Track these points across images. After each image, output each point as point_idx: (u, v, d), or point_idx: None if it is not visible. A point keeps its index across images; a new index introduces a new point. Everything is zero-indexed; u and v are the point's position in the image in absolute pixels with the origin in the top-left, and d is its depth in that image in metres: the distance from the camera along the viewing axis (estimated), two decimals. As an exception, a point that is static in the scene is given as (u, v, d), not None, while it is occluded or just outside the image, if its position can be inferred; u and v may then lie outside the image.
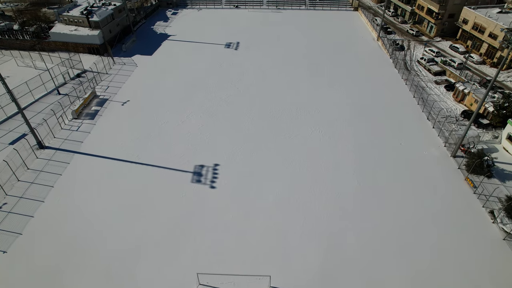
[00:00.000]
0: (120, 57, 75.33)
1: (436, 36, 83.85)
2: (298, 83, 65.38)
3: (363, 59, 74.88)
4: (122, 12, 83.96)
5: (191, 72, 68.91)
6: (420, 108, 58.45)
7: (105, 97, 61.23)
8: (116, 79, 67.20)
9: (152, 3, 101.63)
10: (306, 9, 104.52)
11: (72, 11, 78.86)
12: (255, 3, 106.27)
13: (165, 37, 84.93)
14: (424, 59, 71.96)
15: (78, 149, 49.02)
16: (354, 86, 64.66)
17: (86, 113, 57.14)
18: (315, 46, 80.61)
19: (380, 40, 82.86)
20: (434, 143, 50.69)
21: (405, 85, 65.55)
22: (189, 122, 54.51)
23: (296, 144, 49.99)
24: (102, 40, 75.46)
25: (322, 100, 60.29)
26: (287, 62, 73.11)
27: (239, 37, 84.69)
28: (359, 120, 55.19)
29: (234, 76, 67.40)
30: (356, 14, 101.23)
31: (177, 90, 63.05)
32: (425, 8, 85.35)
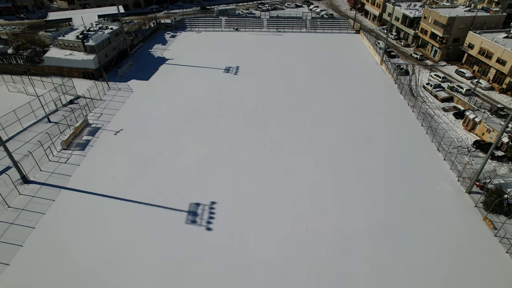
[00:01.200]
0: (116, 82, 72.83)
1: (440, 60, 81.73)
2: (300, 110, 62.55)
3: (367, 85, 72.38)
4: (119, 36, 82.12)
5: (188, 98, 66.24)
6: (429, 138, 55.41)
7: (98, 126, 58.24)
8: (110, 105, 64.42)
9: (151, 26, 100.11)
10: (307, 31, 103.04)
11: (68, 35, 76.92)
12: (255, 26, 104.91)
13: (163, 61, 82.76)
14: (430, 85, 69.46)
15: (65, 184, 45.63)
16: (359, 113, 61.83)
17: (77, 143, 54.00)
18: (317, 70, 78.31)
19: (383, 64, 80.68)
20: (447, 177, 47.37)
21: (412, 112, 62.75)
22: (185, 154, 51.31)
23: (299, 179, 46.64)
24: (98, 64, 73.15)
25: (326, 129, 57.30)
26: (288, 87, 70.56)
27: (238, 61, 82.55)
28: (366, 152, 52.02)
29: (233, 103, 64.66)
30: (358, 37, 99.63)
31: (174, 117, 60.17)
32: (428, 32, 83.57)
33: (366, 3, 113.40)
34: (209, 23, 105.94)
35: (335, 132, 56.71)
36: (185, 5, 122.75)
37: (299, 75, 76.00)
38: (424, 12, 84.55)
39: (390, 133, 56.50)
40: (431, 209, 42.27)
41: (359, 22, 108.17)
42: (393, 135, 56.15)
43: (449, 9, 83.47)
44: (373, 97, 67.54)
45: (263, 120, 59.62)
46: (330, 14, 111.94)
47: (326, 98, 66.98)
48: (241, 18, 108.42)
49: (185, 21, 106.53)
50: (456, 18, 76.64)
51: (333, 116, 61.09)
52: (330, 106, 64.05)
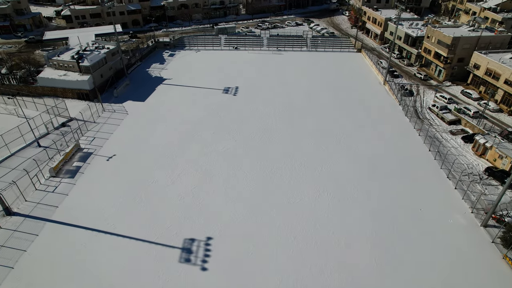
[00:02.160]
0: (111, 103, 70.47)
1: (445, 81, 79.55)
2: (301, 134, 59.91)
3: (370, 106, 69.94)
4: (116, 55, 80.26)
5: (185, 121, 63.71)
6: (438, 164, 52.56)
7: (90, 151, 55.50)
8: (104, 128, 61.85)
9: (149, 45, 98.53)
10: (308, 50, 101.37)
11: (63, 55, 75.02)
12: (255, 45, 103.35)
13: (160, 81, 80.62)
14: (436, 107, 67.02)
15: (51, 216, 42.60)
16: (363, 137, 59.13)
17: (66, 170, 51.16)
18: (319, 91, 76.03)
19: (387, 84, 78.51)
20: (459, 209, 44.34)
21: (419, 136, 60.07)
22: (181, 182, 48.38)
23: (302, 210, 43.60)
24: (93, 85, 70.95)
25: (329, 154, 54.52)
26: (289, 109, 68.10)
27: (238, 81, 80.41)
28: (371, 180, 49.10)
29: (232, 126, 62.06)
30: (360, 56, 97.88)
31: (170, 142, 57.50)
32: (432, 51, 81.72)
33: (367, 22, 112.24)
34: (208, 42, 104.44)
35: (338, 158, 53.90)
36: (185, 24, 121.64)
37: (300, 96, 73.66)
38: (427, 32, 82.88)
39: (397, 159, 53.68)
40: (443, 245, 39.15)
41: (361, 40, 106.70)
42: (400, 161, 53.30)
43: (453, 29, 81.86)
44: (377, 119, 64.97)
45: (263, 144, 56.89)
46: (331, 32, 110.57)
47: (329, 120, 64.42)
48: (240, 37, 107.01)
49: (184, 39, 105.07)
50: (460, 38, 74.81)
51: (336, 140, 58.38)
52: (333, 129, 61.41)
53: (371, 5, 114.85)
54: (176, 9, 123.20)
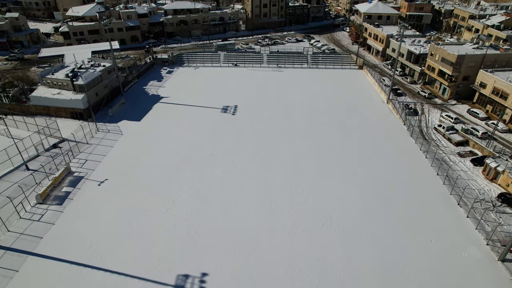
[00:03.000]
0: (105, 123, 68.07)
1: (450, 99, 77.36)
2: (302, 157, 57.24)
3: (374, 126, 67.47)
4: (112, 73, 78.30)
5: (182, 142, 61.15)
6: (447, 190, 49.75)
7: (81, 175, 52.78)
8: (97, 150, 59.25)
9: (147, 62, 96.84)
10: (308, 67, 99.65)
11: (58, 73, 72.98)
12: (254, 61, 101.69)
13: (157, 99, 78.43)
14: (442, 127, 64.56)
15: (34, 248, 39.61)
16: (368, 160, 56.45)
17: (55, 195, 48.36)
18: (320, 110, 73.70)
19: (390, 103, 76.27)
20: (473, 240, 41.36)
21: (425, 158, 57.39)
22: (175, 210, 45.49)
23: (304, 243, 40.58)
24: (87, 104, 68.70)
25: (332, 180, 51.72)
26: (290, 130, 65.59)
27: (237, 99, 78.20)
28: (377, 207, 46.20)
29: (230, 148, 59.45)
30: (361, 73, 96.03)
31: (165, 165, 54.80)
32: (436, 69, 79.78)
33: (368, 38, 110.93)
34: (207, 58, 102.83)
35: (342, 182, 51.10)
36: (184, 40, 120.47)
37: (301, 115, 71.29)
38: (431, 49, 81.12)
39: (403, 184, 50.86)
40: (457, 282, 36.05)
41: (362, 57, 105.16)
42: (407, 186, 50.48)
43: (456, 46, 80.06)
44: (382, 141, 62.40)
45: (263, 168, 54.15)
46: (331, 49, 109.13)
47: (331, 142, 61.82)
48: (240, 53, 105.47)
49: (183, 56, 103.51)
50: (465, 56, 72.91)
51: (339, 163, 55.65)
52: (336, 152, 58.77)
53: (372, 22, 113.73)
54: (175, 25, 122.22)
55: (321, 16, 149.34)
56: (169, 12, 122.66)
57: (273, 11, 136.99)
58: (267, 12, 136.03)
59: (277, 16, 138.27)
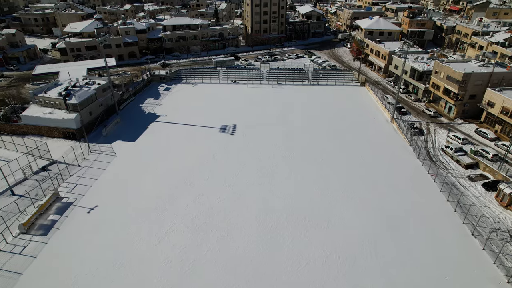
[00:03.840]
0: (99, 144, 65.30)
1: (457, 118, 74.77)
2: (304, 182, 54.22)
3: (379, 148, 64.65)
4: (107, 91, 75.94)
5: (178, 165, 58.22)
6: (460, 218, 46.61)
7: (69, 200, 49.73)
8: (88, 173, 56.29)
9: (144, 78, 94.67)
10: (309, 84, 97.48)
11: (51, 91, 70.62)
12: (254, 78, 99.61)
13: (153, 118, 75.84)
14: (450, 148, 61.76)
15: (12, 287, 36.26)
16: (373, 185, 53.41)
17: (40, 225, 45.22)
18: (322, 130, 70.98)
19: (394, 122, 73.67)
20: (492, 276, 38.09)
21: (434, 182, 54.39)
22: (168, 242, 42.26)
23: (308, 279, 37.28)
24: (80, 124, 65.99)
25: (336, 208, 48.58)
26: (291, 151, 62.74)
27: (236, 117, 75.60)
28: (386, 239, 42.96)
29: (228, 172, 56.46)
30: (364, 90, 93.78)
31: (159, 190, 51.76)
32: (441, 87, 77.46)
33: (370, 54, 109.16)
34: (206, 75, 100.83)
35: (347, 211, 47.95)
36: (182, 56, 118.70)
37: (302, 135, 68.56)
38: (435, 67, 78.97)
39: (412, 212, 47.71)
40: (479, 327, 32.67)
41: (364, 74, 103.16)
42: (416, 214, 47.32)
43: (462, 64, 77.94)
44: (387, 164, 59.48)
45: (263, 195, 51.03)
46: (333, 65, 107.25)
47: (334, 165, 58.91)
48: (239, 70, 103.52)
49: (181, 72, 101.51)
50: (472, 74, 70.64)
51: (344, 189, 52.59)
52: (340, 176, 55.78)
53: (373, 38, 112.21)
54: (174, 41, 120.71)
55: (321, 32, 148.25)
56: (168, 28, 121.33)
57: (273, 27, 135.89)
58: (267, 28, 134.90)
59: (277, 32, 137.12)
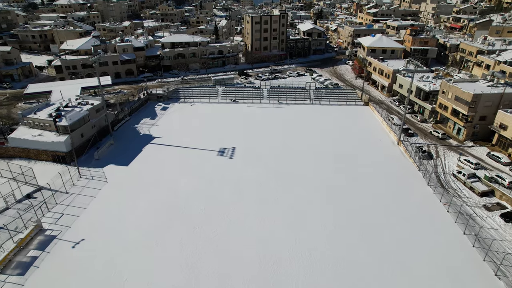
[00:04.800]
0: (89, 168, 61.66)
1: (466, 140, 71.31)
2: (307, 212, 50.26)
3: (386, 173, 60.96)
4: (101, 111, 72.71)
5: (172, 193, 54.40)
6: (479, 254, 42.59)
7: (53, 233, 45.78)
8: (77, 201, 52.46)
9: (140, 97, 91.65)
10: (311, 103, 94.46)
11: (41, 112, 67.44)
12: (254, 97, 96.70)
13: (149, 140, 72.37)
14: (463, 174, 58.08)
15: None
16: (383, 217, 49.46)
17: (18, 262, 41.20)
18: (326, 154, 67.40)
19: (401, 144, 70.21)
20: (521, 326, 33.84)
21: (448, 212, 50.50)
22: (159, 282, 38.11)
23: (315, 330, 33.11)
24: (70, 147, 62.52)
25: (343, 240, 44.62)
26: (293, 178, 58.94)
27: (235, 140, 72.13)
28: (400, 282, 38.84)
29: (226, 201, 52.55)
30: (367, 110, 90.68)
31: (151, 221, 47.81)
32: (449, 108, 74.29)
33: (373, 73, 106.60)
34: (205, 93, 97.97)
35: (356, 246, 43.89)
36: (181, 74, 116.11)
37: (305, 159, 64.94)
38: (442, 87, 76.01)
39: (427, 249, 43.62)
40: None
41: (367, 92, 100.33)
42: (431, 251, 43.23)
43: (470, 84, 74.99)
44: (396, 191, 55.69)
45: (263, 228, 47.04)
46: (335, 84, 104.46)
47: (340, 193, 55.05)
48: (239, 88, 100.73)
49: (179, 91, 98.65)
50: (482, 95, 67.58)
51: (351, 221, 48.58)
52: (346, 206, 51.86)
53: (376, 56, 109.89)
54: (173, 58, 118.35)
55: (322, 49, 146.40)
56: (166, 45, 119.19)
57: (274, 44, 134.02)
58: (267, 45, 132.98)
59: (278, 49, 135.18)
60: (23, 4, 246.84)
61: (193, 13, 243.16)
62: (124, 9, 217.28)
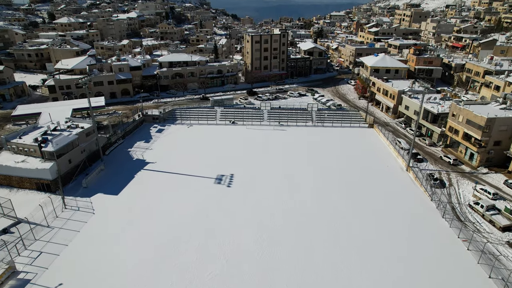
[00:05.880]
0: (76, 198, 57.03)
1: (480, 166, 66.93)
2: (313, 250, 45.42)
3: (397, 204, 56.29)
4: (92, 135, 68.55)
5: (164, 227, 49.58)
6: (509, 303, 37.60)
7: (27, 276, 40.82)
8: (58, 237, 47.61)
9: (135, 119, 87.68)
10: (313, 125, 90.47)
11: (26, 136, 63.25)
12: (254, 118, 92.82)
13: (142, 165, 67.95)
14: (481, 205, 53.45)
15: None
16: (396, 255, 44.56)
17: (-16, 313, 36.13)
18: (330, 181, 62.96)
19: (410, 170, 65.77)
20: None
21: (468, 250, 45.63)
22: None
23: None
24: (56, 174, 58.11)
25: (352, 283, 39.63)
26: (297, 210, 54.24)
27: (234, 166, 67.69)
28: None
29: (223, 237, 47.65)
30: (372, 132, 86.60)
31: (138, 264, 42.84)
32: (460, 132, 70.24)
33: (377, 93, 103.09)
34: (203, 115, 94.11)
35: (364, 285, 39.02)
36: (178, 94, 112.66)
37: (309, 188, 60.33)
38: (452, 109, 72.16)
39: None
40: None
41: (372, 114, 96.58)
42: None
43: (481, 106, 71.22)
44: (409, 225, 50.88)
45: (263, 270, 42.09)
46: (338, 104, 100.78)
47: (347, 226, 50.28)
48: (238, 109, 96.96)
49: (176, 112, 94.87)
50: (496, 119, 63.63)
51: (361, 259, 43.70)
52: (354, 242, 47.00)
53: (379, 76, 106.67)
54: (170, 78, 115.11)
55: (323, 69, 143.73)
56: (164, 65, 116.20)
57: (274, 63, 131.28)
58: (267, 65, 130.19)
59: (278, 68, 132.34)
60: (24, 23, 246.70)
61: (193, 31, 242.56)
62: (123, 27, 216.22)
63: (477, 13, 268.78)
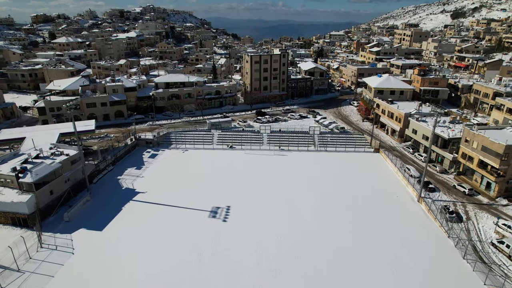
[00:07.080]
0: (55, 234, 51.46)
1: (499, 197, 61.57)
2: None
3: (409, 240, 50.64)
4: (78, 163, 63.48)
5: (151, 271, 43.84)
6: None
7: (-13, 336, 34.92)
8: (28, 283, 41.94)
9: (127, 143, 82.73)
10: (316, 150, 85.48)
11: (5, 164, 58.05)
12: (253, 142, 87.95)
13: (131, 195, 62.59)
14: (506, 244, 47.83)
15: None
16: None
17: None
18: (336, 214, 57.46)
19: (423, 202, 60.38)
20: None
21: (497, 301, 39.85)
22: None
23: None
24: (34, 208, 52.76)
25: None
26: (300, 248, 48.59)
27: (230, 196, 62.31)
28: None
29: (218, 281, 41.96)
30: (379, 157, 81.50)
31: (118, 317, 37.09)
32: (475, 159, 65.20)
33: (382, 115, 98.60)
34: (199, 138, 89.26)
35: None
36: (174, 115, 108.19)
37: (312, 223, 54.81)
38: (465, 135, 67.33)
39: None
40: None
41: (377, 137, 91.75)
42: None
43: (496, 131, 66.44)
44: (425, 267, 45.11)
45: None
46: (341, 127, 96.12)
47: (355, 266, 44.57)
48: (237, 133, 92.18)
49: (170, 135, 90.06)
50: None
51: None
52: (362, 286, 41.38)
53: (384, 97, 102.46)
54: (166, 99, 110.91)
55: (325, 89, 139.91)
56: (160, 86, 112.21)
57: (274, 84, 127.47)
58: (267, 85, 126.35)
59: (278, 89, 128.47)
60: (23, 43, 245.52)
61: (192, 51, 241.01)
62: (122, 47, 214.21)
63: (477, 33, 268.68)
